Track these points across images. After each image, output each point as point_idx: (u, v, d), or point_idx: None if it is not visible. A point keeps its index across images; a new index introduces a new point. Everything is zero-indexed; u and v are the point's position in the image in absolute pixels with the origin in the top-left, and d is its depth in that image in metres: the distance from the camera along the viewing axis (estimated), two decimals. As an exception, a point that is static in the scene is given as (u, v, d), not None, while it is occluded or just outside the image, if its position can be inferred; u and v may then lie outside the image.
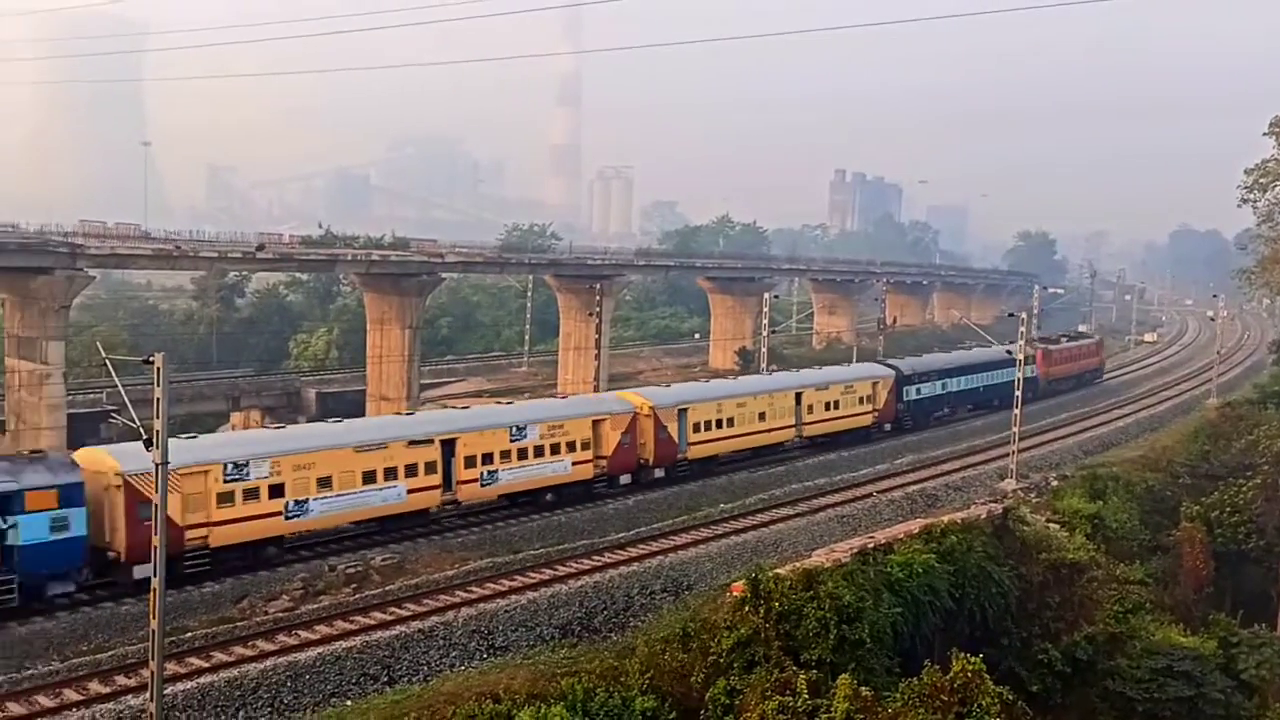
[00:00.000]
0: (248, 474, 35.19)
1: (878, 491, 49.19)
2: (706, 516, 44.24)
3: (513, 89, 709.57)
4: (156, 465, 23.05)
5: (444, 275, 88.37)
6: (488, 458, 42.57)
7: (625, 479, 48.24)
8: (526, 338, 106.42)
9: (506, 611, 31.52)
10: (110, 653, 28.08)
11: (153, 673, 22.86)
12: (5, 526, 30.39)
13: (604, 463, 47.23)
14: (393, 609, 31.46)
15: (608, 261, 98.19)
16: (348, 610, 31.50)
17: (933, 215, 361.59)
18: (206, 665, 27.02)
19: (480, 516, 43.68)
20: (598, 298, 77.80)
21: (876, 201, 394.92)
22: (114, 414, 30.26)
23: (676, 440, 50.36)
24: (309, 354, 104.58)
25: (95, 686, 25.68)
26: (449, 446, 41.33)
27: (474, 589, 33.53)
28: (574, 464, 45.82)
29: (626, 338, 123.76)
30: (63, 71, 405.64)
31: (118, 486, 32.32)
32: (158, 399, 22.93)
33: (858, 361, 79.05)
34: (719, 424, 52.68)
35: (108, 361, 28.30)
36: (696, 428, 51.40)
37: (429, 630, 29.82)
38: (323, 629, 29.80)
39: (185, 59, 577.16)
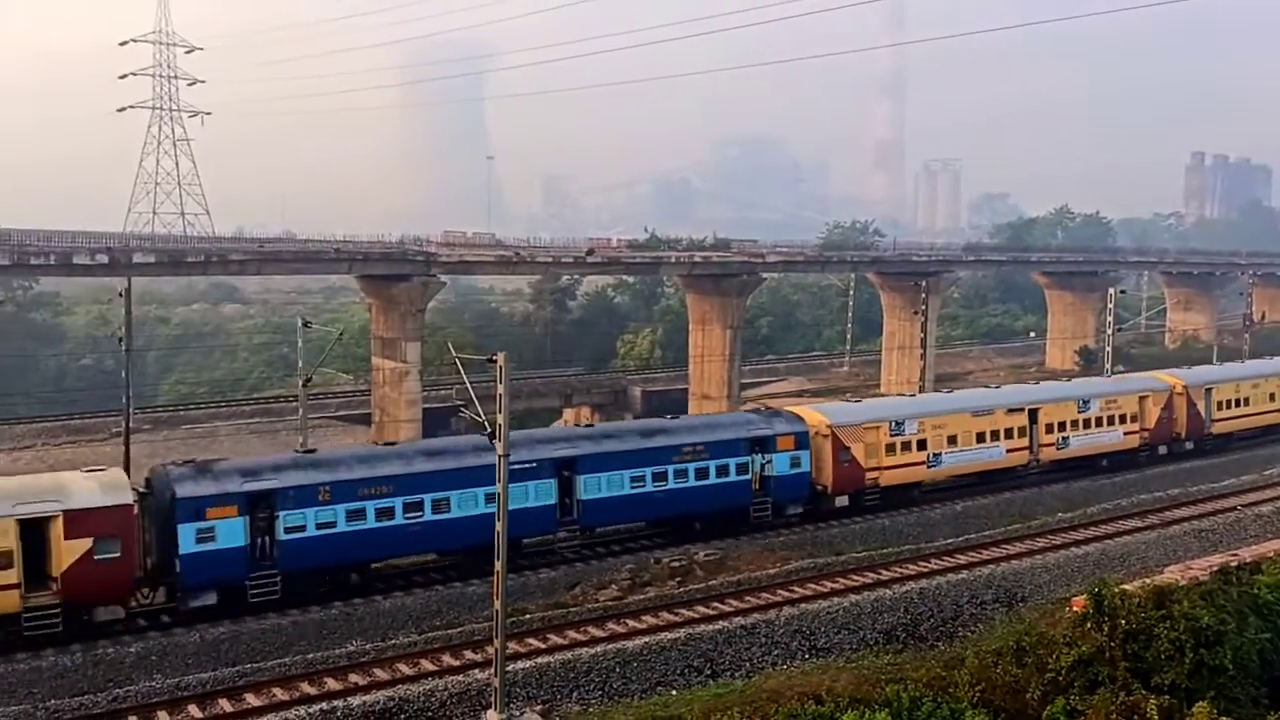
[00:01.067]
0: (904, 430, 44.61)
1: (1242, 505, 44.42)
2: (1043, 525, 41.76)
3: (834, 86, 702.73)
4: (500, 457, 24.53)
5: (764, 275, 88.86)
6: (1062, 425, 49.90)
7: (1162, 449, 54.38)
8: (848, 337, 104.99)
9: (828, 613, 31.13)
10: (459, 629, 30.33)
11: (496, 650, 24.38)
12: (764, 461, 40.88)
13: (1147, 434, 53.60)
14: (715, 604, 31.90)
15: (934, 258, 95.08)
16: (672, 603, 32.28)
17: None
18: (543, 646, 28.55)
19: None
20: (923, 295, 75.41)
21: (1241, 186, 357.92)
22: (462, 408, 33.14)
23: (1203, 416, 56.49)
24: (634, 353, 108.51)
25: (447, 659, 27.79)
26: (1033, 415, 48.90)
27: (795, 588, 33.40)
28: (1124, 434, 52.55)
29: (954, 336, 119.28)
30: (421, 93, 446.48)
31: (825, 435, 42.65)
32: (500, 395, 24.41)
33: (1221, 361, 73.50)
34: (1237, 403, 58.58)
35: (456, 360, 30.51)
36: (1220, 406, 57.35)
37: (750, 627, 29.96)
38: (649, 619, 30.69)
39: (525, 75, 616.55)
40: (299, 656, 28.26)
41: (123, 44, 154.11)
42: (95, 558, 28.87)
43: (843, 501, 43.03)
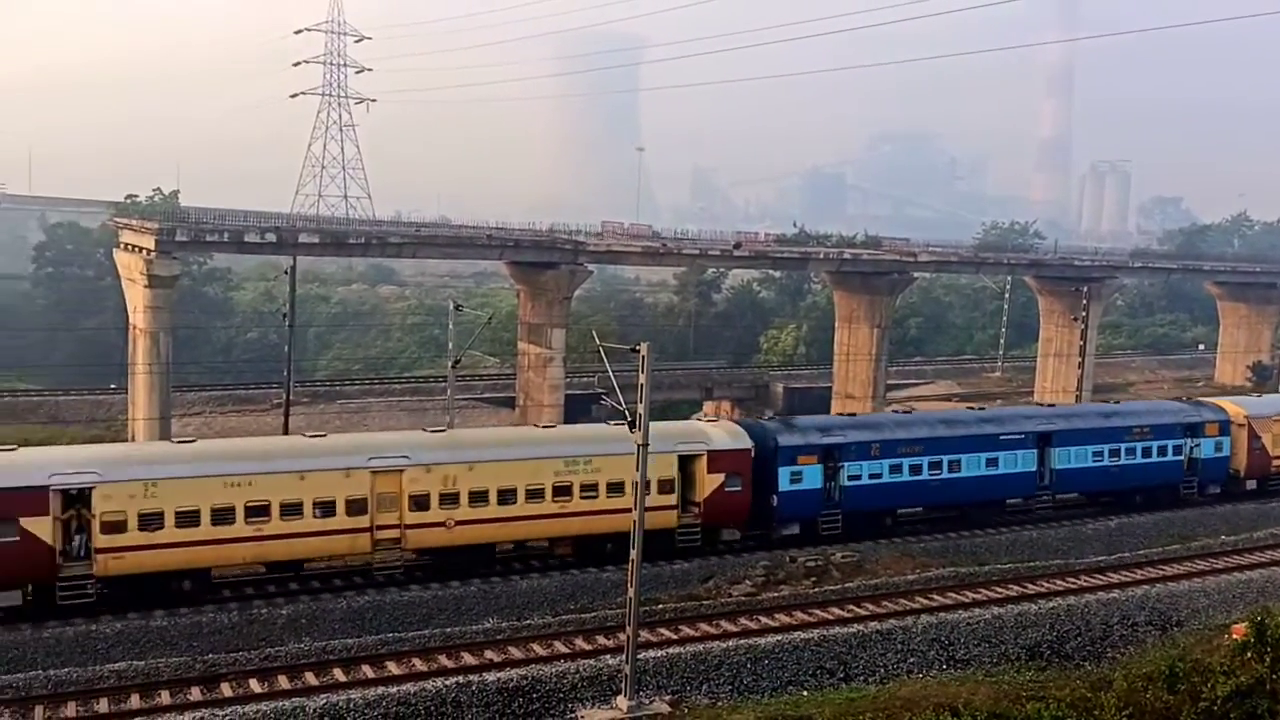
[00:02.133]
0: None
1: None
2: (1204, 547, 39.66)
3: (996, 82, 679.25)
4: (639, 446, 24.64)
5: (915, 275, 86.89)
6: None
7: None
8: (1001, 341, 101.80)
9: (969, 624, 30.24)
10: (592, 614, 30.66)
11: (629, 636, 24.53)
12: (1193, 445, 46.14)
13: None
14: (851, 606, 31.38)
15: (1097, 263, 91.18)
16: (807, 603, 31.90)
17: None
18: (675, 637, 28.59)
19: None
20: (1084, 301, 72.43)
21: None
22: (604, 396, 34.16)
23: None
24: (778, 349, 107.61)
25: (579, 643, 28.12)
26: None
27: (935, 597, 32.60)
28: None
29: (1116, 345, 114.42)
30: (573, 85, 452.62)
31: (1241, 425, 47.54)
32: (642, 385, 24.51)
33: None
34: None
35: (600, 349, 30.87)
36: None
37: (886, 632, 29.35)
38: (782, 617, 30.40)
39: (675, 68, 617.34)
40: (438, 630, 29.06)
41: (298, 32, 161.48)
42: (726, 489, 36.49)
43: (1252, 485, 47.69)
